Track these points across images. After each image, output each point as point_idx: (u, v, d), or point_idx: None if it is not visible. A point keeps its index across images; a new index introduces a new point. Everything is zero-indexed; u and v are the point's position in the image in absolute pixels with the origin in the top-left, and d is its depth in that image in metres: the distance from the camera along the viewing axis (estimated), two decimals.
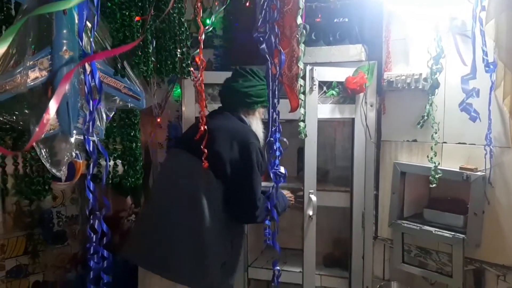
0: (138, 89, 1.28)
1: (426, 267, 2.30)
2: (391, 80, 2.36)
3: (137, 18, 1.23)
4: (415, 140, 2.35)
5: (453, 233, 2.11)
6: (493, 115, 1.97)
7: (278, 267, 1.67)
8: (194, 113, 2.54)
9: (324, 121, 2.75)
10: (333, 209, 2.81)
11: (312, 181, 2.45)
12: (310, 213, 2.42)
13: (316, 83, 2.37)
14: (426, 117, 2.18)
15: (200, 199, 1.93)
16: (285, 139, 1.48)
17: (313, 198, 2.42)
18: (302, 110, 1.97)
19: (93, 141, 0.94)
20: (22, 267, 2.63)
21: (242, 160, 1.94)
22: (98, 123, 1.16)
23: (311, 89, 2.37)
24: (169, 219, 1.94)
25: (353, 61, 2.47)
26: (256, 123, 2.10)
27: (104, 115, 1.20)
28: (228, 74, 2.28)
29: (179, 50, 1.38)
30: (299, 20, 1.46)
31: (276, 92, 1.30)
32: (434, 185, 2.12)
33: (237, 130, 2.00)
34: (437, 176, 2.10)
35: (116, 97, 1.21)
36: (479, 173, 2.04)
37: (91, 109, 0.94)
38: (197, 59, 1.33)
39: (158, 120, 2.24)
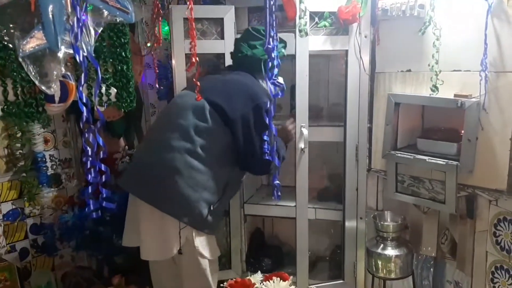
0: (126, 2, 1.22)
1: (419, 195, 2.33)
2: (385, 8, 2.29)
3: None
4: (409, 70, 2.33)
5: (446, 160, 2.13)
6: (489, 39, 1.93)
7: (277, 181, 1.72)
8: (184, 50, 2.48)
9: (317, 56, 2.72)
10: (327, 144, 2.82)
11: (304, 115, 2.46)
12: (302, 146, 2.43)
13: (307, 13, 2.31)
14: (428, 23, 2.13)
15: (202, 138, 2.00)
16: (283, 50, 1.45)
17: (305, 131, 2.43)
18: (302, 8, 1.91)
19: (83, 52, 0.90)
20: (18, 210, 2.64)
21: (256, 119, 2.03)
22: (86, 38, 1.12)
23: (306, 23, 2.31)
24: (166, 152, 1.98)
25: None
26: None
27: (92, 31, 1.15)
28: (217, 9, 2.23)
29: None
30: None
31: None
32: (436, 94, 2.13)
33: (253, 90, 2.09)
34: (437, 80, 2.12)
35: (104, 10, 1.15)
36: (473, 99, 2.03)
37: (78, 16, 0.90)
38: None
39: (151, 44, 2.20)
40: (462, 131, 2.12)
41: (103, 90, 1.37)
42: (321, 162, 2.97)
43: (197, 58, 1.66)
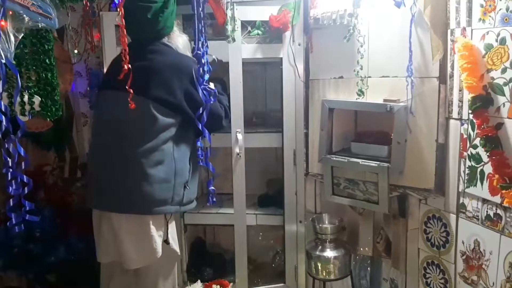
0: (49, 7, 1.16)
1: (355, 197, 2.40)
2: (317, 17, 2.36)
3: None
4: (341, 77, 2.40)
5: (378, 162, 2.22)
6: (413, 46, 2.04)
7: (212, 187, 1.71)
8: None
9: (254, 64, 2.75)
10: (266, 150, 2.85)
11: (239, 120, 2.49)
12: (237, 150, 2.45)
13: (239, 22, 2.34)
14: (352, 31, 2.21)
15: (159, 134, 1.97)
16: (214, 56, 1.45)
17: (240, 136, 2.46)
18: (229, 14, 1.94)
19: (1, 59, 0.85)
20: None
21: (195, 89, 1.96)
22: (5, 45, 1.05)
23: (233, 30, 2.33)
24: (129, 162, 1.96)
25: None
26: (181, 39, 2.11)
27: (12, 37, 1.08)
28: None
29: None
30: None
31: (201, 1, 1.25)
32: (362, 98, 2.23)
33: (181, 64, 1.99)
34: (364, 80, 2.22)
35: (24, 16, 1.09)
36: (401, 103, 2.13)
37: None
38: None
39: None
40: (392, 134, 2.21)
41: (26, 99, 1.29)
42: (260, 168, 2.99)
43: (129, 65, 1.62)
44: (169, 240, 2.09)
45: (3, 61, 0.85)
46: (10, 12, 1.02)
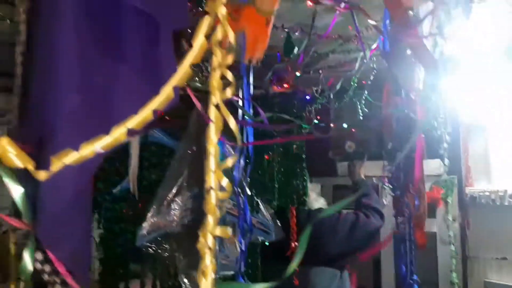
0: (269, 223, 1.35)
1: None
2: (474, 195, 2.34)
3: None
4: (504, 258, 2.26)
5: None
6: None
7: None
8: None
9: None
10: None
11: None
12: None
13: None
14: None
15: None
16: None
17: None
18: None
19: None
20: None
21: (349, 235, 1.99)
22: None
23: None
24: None
25: (432, 175, 2.49)
26: (317, 203, 2.17)
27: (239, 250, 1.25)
28: None
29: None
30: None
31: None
32: None
33: (321, 221, 1.97)
34: None
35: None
36: None
37: (244, 248, 1.02)
38: None
39: None
40: None
41: None
42: None
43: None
44: None
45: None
46: None
